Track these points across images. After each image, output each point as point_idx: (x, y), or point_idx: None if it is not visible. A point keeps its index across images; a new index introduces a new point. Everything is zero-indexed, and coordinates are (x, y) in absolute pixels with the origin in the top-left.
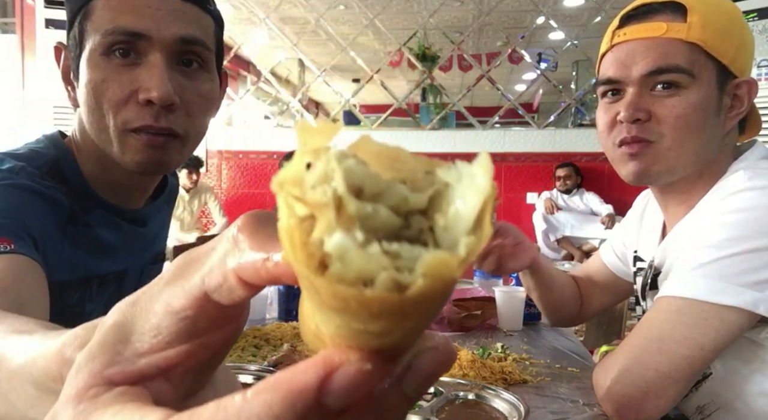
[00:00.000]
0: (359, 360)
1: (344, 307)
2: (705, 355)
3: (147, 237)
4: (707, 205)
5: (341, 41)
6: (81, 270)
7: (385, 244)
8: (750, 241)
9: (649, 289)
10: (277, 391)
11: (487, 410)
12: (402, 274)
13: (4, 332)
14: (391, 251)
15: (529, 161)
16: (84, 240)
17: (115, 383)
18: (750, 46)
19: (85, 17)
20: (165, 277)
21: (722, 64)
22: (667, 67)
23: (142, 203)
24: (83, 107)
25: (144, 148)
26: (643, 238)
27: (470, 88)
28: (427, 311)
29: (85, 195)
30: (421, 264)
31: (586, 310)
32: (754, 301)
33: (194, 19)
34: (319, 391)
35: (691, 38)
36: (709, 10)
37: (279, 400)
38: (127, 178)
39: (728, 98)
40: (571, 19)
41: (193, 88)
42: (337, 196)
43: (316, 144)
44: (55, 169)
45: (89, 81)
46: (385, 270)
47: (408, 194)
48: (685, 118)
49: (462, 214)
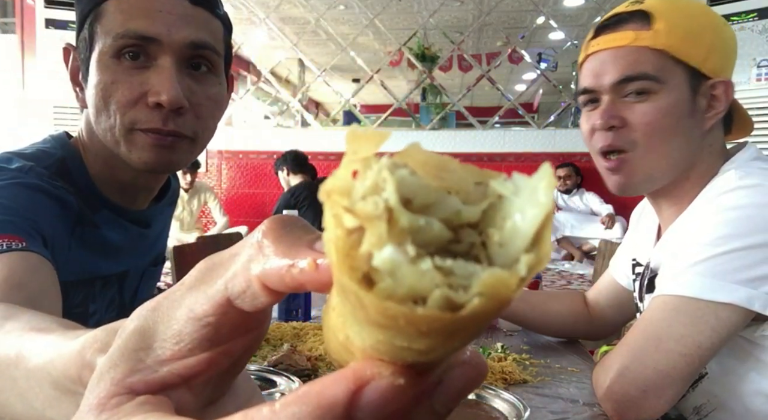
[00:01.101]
0: (392, 374)
1: (392, 324)
2: (702, 352)
3: (150, 238)
4: (699, 204)
5: (341, 41)
6: (86, 270)
7: (437, 259)
8: (743, 238)
9: (646, 292)
10: (306, 404)
11: (487, 410)
12: (456, 292)
13: (22, 329)
14: (444, 268)
15: (529, 161)
16: (90, 240)
17: (137, 392)
18: (727, 46)
19: (95, 19)
20: (187, 283)
21: (692, 66)
22: (634, 75)
23: (146, 204)
24: (92, 108)
25: (151, 147)
26: (640, 243)
27: (470, 88)
28: (475, 330)
29: (92, 195)
30: (477, 282)
31: (600, 328)
32: (749, 297)
33: (204, 23)
34: (349, 406)
35: (657, 45)
36: (675, 15)
37: (308, 413)
38: (134, 178)
39: (704, 99)
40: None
41: (201, 92)
42: (389, 208)
43: (365, 152)
44: (63, 170)
45: (99, 82)
46: (438, 287)
47: (461, 207)
48: (655, 123)
49: (520, 229)
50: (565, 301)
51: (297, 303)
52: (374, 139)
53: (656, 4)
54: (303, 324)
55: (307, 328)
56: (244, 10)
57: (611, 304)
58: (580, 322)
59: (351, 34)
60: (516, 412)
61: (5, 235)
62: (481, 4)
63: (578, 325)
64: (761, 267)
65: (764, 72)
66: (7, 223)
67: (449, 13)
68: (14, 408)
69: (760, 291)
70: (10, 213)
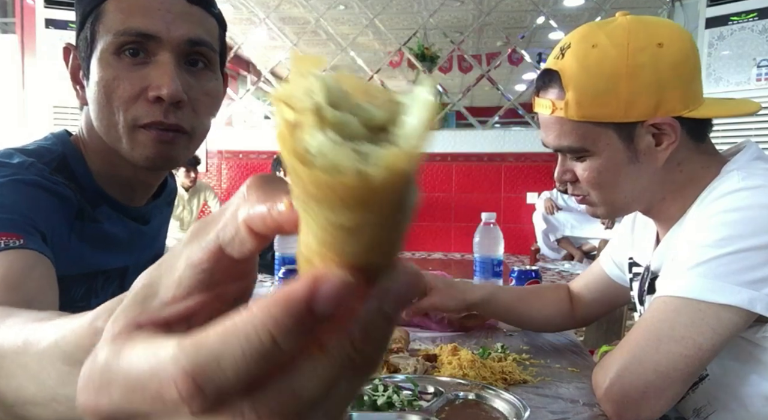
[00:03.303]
0: (343, 273)
1: (321, 194)
2: (703, 354)
3: (148, 235)
4: (701, 206)
5: (341, 41)
6: (87, 265)
7: (355, 143)
8: (746, 239)
9: (647, 294)
10: (276, 303)
11: (487, 410)
12: (368, 166)
13: (24, 322)
14: (359, 150)
15: (529, 161)
16: (90, 235)
17: (144, 327)
18: (660, 78)
19: (96, 19)
20: (184, 240)
21: (616, 122)
22: (561, 148)
23: (144, 201)
24: (93, 105)
25: (153, 143)
26: (638, 243)
27: (470, 88)
28: (388, 209)
29: (93, 191)
30: (380, 158)
31: (582, 318)
32: (751, 299)
33: (200, 21)
34: (309, 300)
35: (571, 117)
36: (582, 77)
37: (279, 309)
38: (134, 174)
39: (647, 138)
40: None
41: (199, 87)
42: (318, 104)
43: (306, 69)
44: (64, 166)
45: (101, 79)
46: (354, 162)
47: (375, 111)
48: (594, 179)
49: (412, 122)
50: (547, 297)
51: None
52: (314, 61)
53: (568, 64)
54: None
55: None
56: (244, 10)
57: (597, 297)
58: (561, 316)
59: (351, 34)
60: (516, 412)
61: (3, 233)
62: (481, 4)
63: (559, 319)
64: (764, 269)
65: (764, 72)
66: (6, 220)
67: (449, 13)
68: (27, 391)
69: (762, 293)
70: (8, 210)
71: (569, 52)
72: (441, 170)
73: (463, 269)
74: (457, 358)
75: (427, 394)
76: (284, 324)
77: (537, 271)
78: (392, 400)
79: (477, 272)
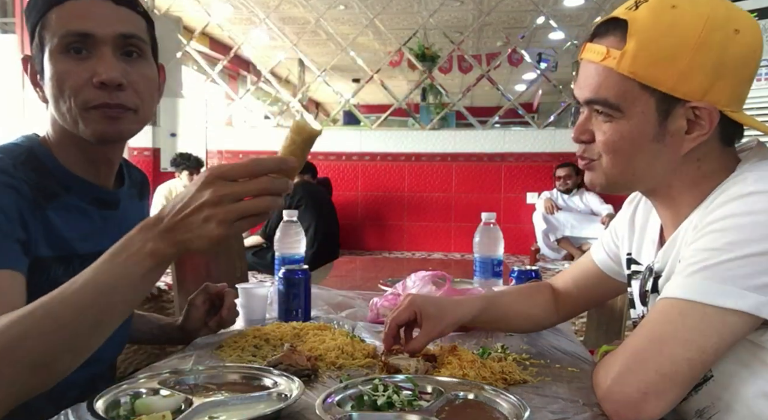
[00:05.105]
0: (292, 160)
1: (298, 131)
2: (706, 357)
3: (120, 222)
4: (710, 207)
5: (341, 41)
6: (60, 248)
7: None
8: (754, 244)
9: (651, 293)
10: (274, 157)
11: (487, 410)
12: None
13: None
14: (311, 125)
15: (529, 161)
16: (60, 220)
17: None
18: (720, 64)
19: (42, 28)
20: None
21: (662, 91)
22: (596, 99)
23: (111, 181)
24: (51, 98)
25: (102, 119)
26: (638, 241)
27: (470, 87)
28: (309, 141)
29: (62, 174)
30: (313, 127)
31: (565, 313)
32: (758, 304)
33: (128, 18)
34: (284, 161)
35: (621, 69)
36: (651, 32)
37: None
38: (94, 151)
39: (681, 120)
40: (571, 19)
41: (135, 72)
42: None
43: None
44: (31, 157)
45: (53, 74)
46: (309, 126)
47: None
48: (612, 145)
49: (316, 125)
50: (534, 300)
51: (297, 303)
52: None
53: (642, 15)
54: (303, 324)
55: (307, 328)
56: (244, 10)
57: (586, 293)
58: (546, 315)
59: (351, 34)
60: (516, 412)
61: None
62: (481, 4)
63: (546, 320)
64: None
65: (764, 72)
66: None
67: (449, 13)
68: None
69: None
70: None
71: (646, 5)
72: (441, 170)
73: (463, 269)
74: (457, 358)
75: (427, 394)
76: (273, 163)
77: (537, 271)
78: (392, 400)
79: (477, 272)
